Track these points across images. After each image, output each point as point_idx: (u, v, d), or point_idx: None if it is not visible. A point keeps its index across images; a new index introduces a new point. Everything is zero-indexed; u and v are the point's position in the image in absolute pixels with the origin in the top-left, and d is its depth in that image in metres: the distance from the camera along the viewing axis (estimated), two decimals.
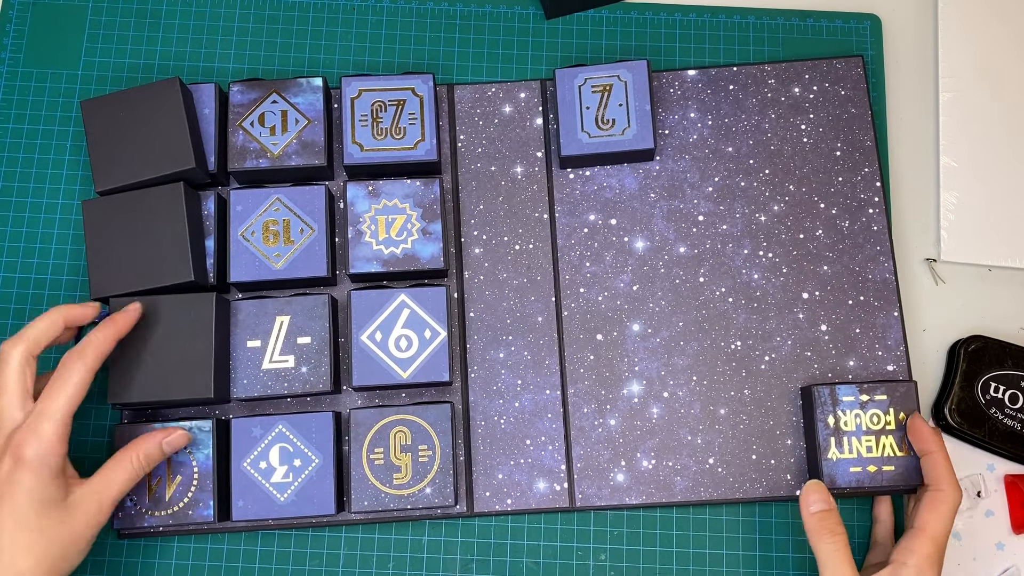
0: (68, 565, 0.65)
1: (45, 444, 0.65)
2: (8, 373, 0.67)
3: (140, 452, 0.70)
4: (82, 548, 0.66)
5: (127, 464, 0.69)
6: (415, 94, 0.81)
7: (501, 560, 0.78)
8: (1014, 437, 0.79)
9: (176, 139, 0.76)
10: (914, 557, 0.68)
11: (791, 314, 0.81)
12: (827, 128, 0.84)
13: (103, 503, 0.67)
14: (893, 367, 0.80)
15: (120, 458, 0.69)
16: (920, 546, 0.69)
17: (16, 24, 0.86)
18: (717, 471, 0.78)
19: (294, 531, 0.78)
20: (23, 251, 0.82)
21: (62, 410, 0.66)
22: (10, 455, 0.64)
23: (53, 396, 0.66)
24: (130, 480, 0.69)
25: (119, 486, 0.68)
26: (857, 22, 0.88)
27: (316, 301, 0.77)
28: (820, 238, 0.82)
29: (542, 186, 0.83)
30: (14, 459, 0.64)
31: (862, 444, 0.75)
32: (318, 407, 0.79)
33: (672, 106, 0.84)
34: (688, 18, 0.88)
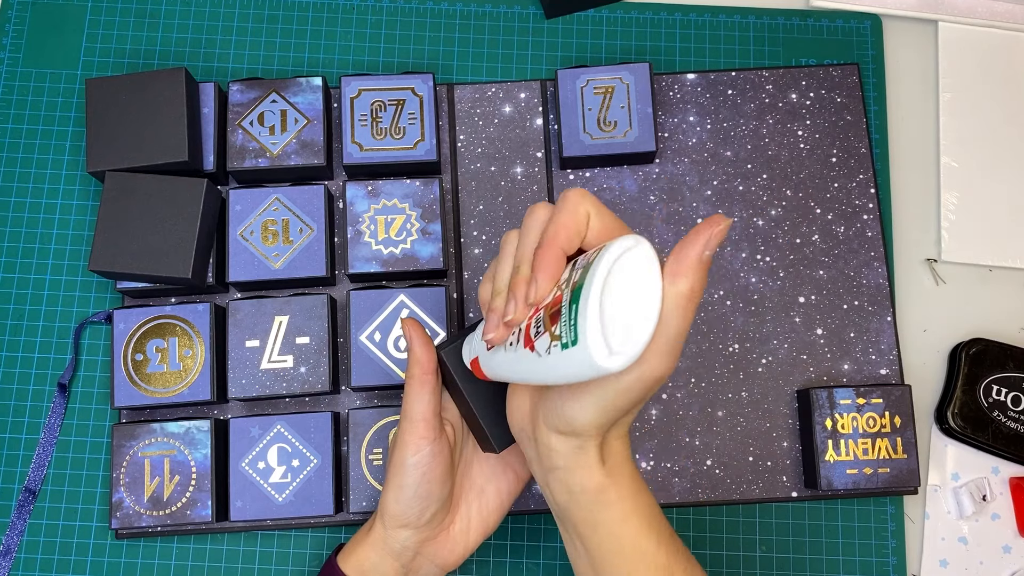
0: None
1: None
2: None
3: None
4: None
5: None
6: (415, 94, 0.81)
7: (501, 560, 0.78)
8: (1018, 439, 0.79)
9: (173, 130, 0.76)
10: None
11: (788, 317, 0.81)
12: (823, 134, 0.84)
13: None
14: (886, 371, 0.80)
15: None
16: None
17: (16, 24, 0.86)
18: (715, 472, 0.79)
19: (293, 531, 0.78)
20: (23, 251, 0.82)
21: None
22: None
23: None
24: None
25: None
26: (857, 22, 0.88)
27: (315, 301, 0.77)
28: (816, 243, 0.82)
29: (542, 186, 0.83)
30: None
31: (858, 446, 0.76)
32: (317, 407, 0.79)
33: (671, 109, 0.84)
34: (688, 18, 0.88)
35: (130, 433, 0.75)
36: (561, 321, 0.48)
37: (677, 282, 0.47)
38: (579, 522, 0.58)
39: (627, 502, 0.58)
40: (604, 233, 0.53)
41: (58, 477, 0.78)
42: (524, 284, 0.52)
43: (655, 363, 0.49)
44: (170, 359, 0.76)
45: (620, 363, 0.46)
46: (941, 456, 0.80)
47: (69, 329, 0.81)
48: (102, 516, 0.78)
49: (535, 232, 0.54)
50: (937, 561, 0.78)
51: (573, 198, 0.52)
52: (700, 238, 0.47)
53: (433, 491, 0.63)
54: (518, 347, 0.52)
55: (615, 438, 0.58)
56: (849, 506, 0.79)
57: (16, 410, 0.79)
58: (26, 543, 0.78)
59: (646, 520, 0.58)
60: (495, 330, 0.53)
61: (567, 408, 0.54)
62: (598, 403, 0.53)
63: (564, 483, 0.57)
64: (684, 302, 0.48)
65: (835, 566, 0.78)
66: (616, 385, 0.51)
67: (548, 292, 0.51)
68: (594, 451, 0.56)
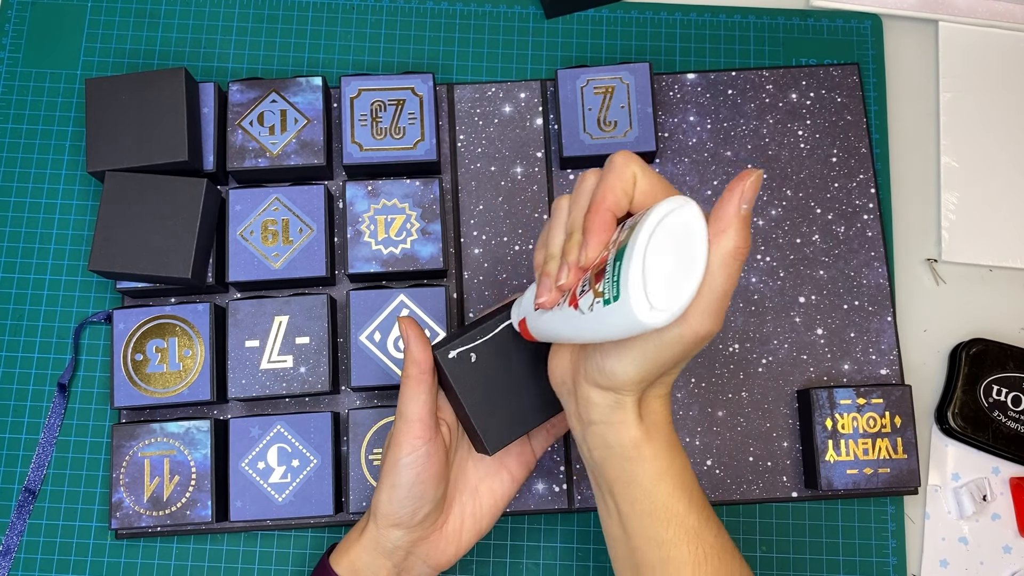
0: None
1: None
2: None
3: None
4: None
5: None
6: (415, 94, 0.81)
7: (501, 560, 0.78)
8: (1018, 439, 0.79)
9: (173, 130, 0.76)
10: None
11: (788, 317, 0.81)
12: (823, 134, 0.84)
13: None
14: (886, 371, 0.80)
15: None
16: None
17: (16, 24, 0.86)
18: (715, 472, 0.78)
19: (293, 532, 0.78)
20: (22, 251, 0.82)
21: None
22: None
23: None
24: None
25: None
26: (857, 22, 0.88)
27: (315, 301, 0.77)
28: (816, 243, 0.82)
29: (542, 186, 0.83)
30: None
31: (858, 446, 0.76)
32: (316, 407, 0.79)
33: (672, 109, 0.84)
34: (688, 18, 0.88)
35: (130, 433, 0.75)
36: (605, 278, 0.48)
37: (721, 240, 0.48)
38: (613, 479, 0.59)
39: (662, 461, 0.58)
40: (651, 193, 0.53)
41: (58, 477, 0.78)
42: (577, 248, 0.53)
43: (698, 321, 0.49)
44: (170, 359, 0.76)
45: (661, 319, 0.46)
46: (941, 456, 0.80)
47: (69, 329, 0.81)
48: (102, 516, 0.78)
49: (585, 198, 0.55)
50: (937, 561, 0.78)
51: (619, 160, 0.53)
52: (735, 194, 0.48)
53: (427, 491, 0.63)
54: (564, 306, 0.53)
55: (655, 397, 0.58)
56: (849, 506, 0.79)
57: (16, 410, 0.79)
58: (26, 543, 0.78)
59: (679, 481, 0.58)
60: (548, 293, 0.54)
61: (607, 362, 0.54)
62: (638, 358, 0.53)
63: (601, 437, 0.58)
64: (730, 260, 0.48)
65: (835, 566, 0.78)
66: (658, 341, 0.51)
67: (598, 254, 0.52)
68: (632, 407, 0.56)
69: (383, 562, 0.65)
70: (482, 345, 0.62)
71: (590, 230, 0.52)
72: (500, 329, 0.63)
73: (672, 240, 0.47)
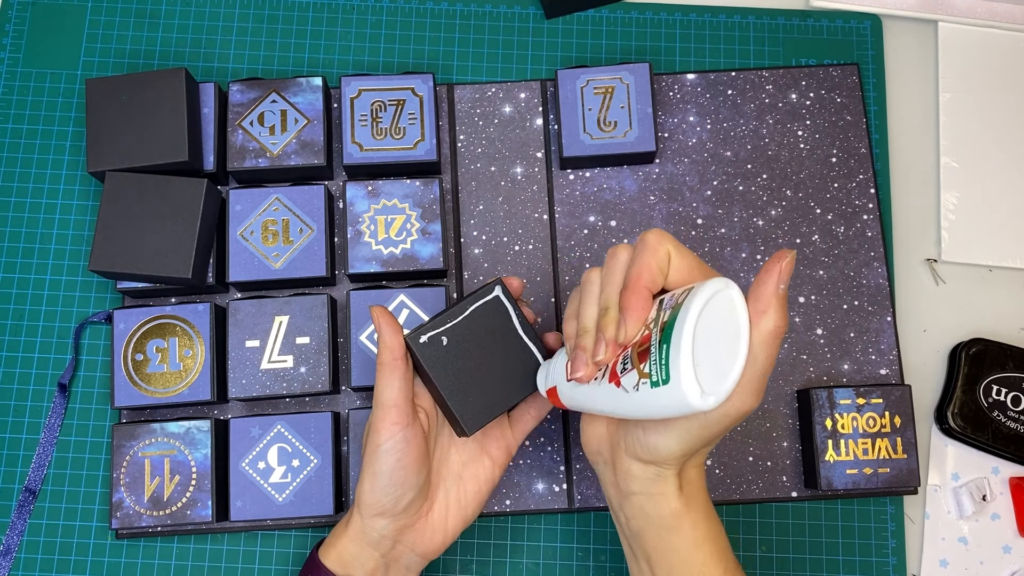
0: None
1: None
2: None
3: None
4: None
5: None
6: (415, 94, 0.81)
7: (501, 560, 0.78)
8: (1018, 439, 0.79)
9: (173, 130, 0.76)
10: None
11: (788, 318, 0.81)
12: (823, 135, 0.84)
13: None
14: (886, 371, 0.80)
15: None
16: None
17: (16, 24, 0.86)
18: (715, 472, 0.79)
19: (293, 531, 0.78)
20: (23, 251, 0.82)
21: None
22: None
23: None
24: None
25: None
26: (857, 22, 0.88)
27: (315, 301, 0.77)
28: (816, 243, 0.82)
29: (542, 187, 0.83)
30: None
31: (858, 446, 0.76)
32: (317, 407, 0.79)
33: (671, 109, 0.84)
34: (688, 18, 0.88)
35: (130, 433, 0.75)
36: (651, 360, 0.50)
37: (762, 320, 0.50)
38: (650, 548, 0.60)
39: (700, 529, 0.60)
40: (685, 271, 0.55)
41: (58, 477, 0.78)
42: (614, 325, 0.54)
43: (742, 400, 0.51)
44: (170, 359, 0.76)
45: (712, 403, 0.48)
46: (941, 456, 0.80)
47: (69, 329, 0.81)
48: (102, 516, 0.78)
49: (619, 273, 0.56)
50: (937, 561, 0.78)
51: (653, 239, 0.54)
52: (772, 275, 0.49)
53: (408, 478, 0.63)
54: (603, 382, 0.54)
55: (692, 467, 0.60)
56: (849, 506, 0.79)
57: (16, 410, 0.79)
58: (26, 543, 0.78)
59: (716, 548, 0.60)
60: (584, 368, 0.55)
61: (651, 439, 0.56)
62: (683, 436, 0.55)
63: (640, 508, 0.60)
64: (771, 339, 0.50)
65: (835, 566, 0.78)
66: (703, 420, 0.53)
67: (637, 332, 0.53)
68: (673, 479, 0.58)
69: (371, 552, 0.66)
70: (453, 328, 0.63)
71: (628, 307, 0.53)
72: (470, 311, 0.63)
73: (716, 322, 0.49)
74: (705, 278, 0.53)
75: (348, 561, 0.66)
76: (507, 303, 0.64)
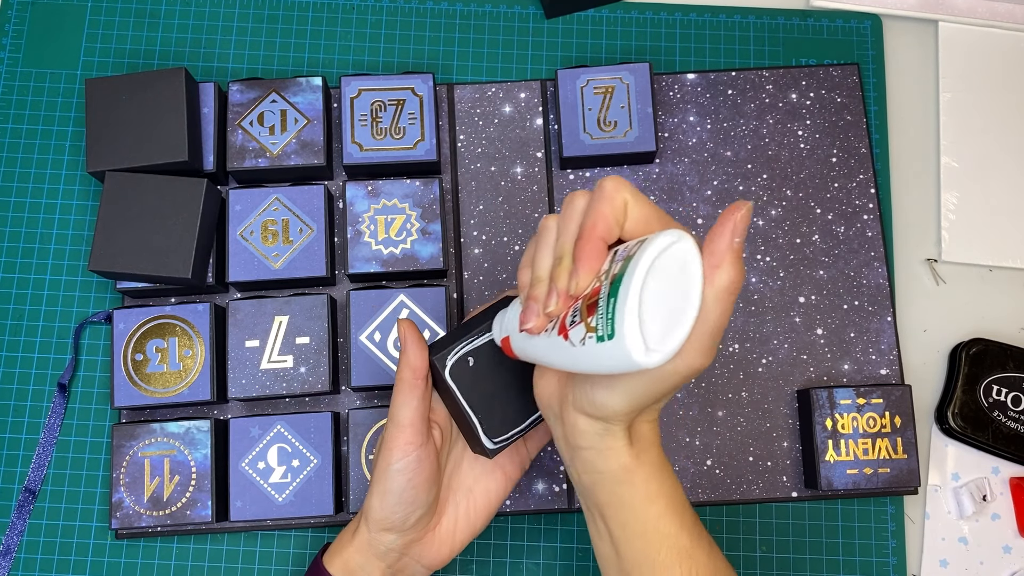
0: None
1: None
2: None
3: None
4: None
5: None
6: (415, 94, 0.81)
7: (501, 560, 0.78)
8: (1018, 439, 0.79)
9: (173, 130, 0.76)
10: None
11: (788, 318, 0.81)
12: (823, 134, 0.84)
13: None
14: (886, 371, 0.80)
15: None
16: None
17: (16, 24, 0.86)
18: (715, 472, 0.79)
19: (293, 531, 0.78)
20: (23, 251, 0.82)
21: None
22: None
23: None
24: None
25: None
26: (857, 22, 0.88)
27: (315, 301, 0.77)
28: (816, 243, 0.82)
29: (542, 187, 0.83)
30: None
31: (858, 446, 0.76)
32: (317, 407, 0.79)
33: (671, 109, 0.84)
34: (688, 18, 0.88)
35: (130, 433, 0.75)
36: (598, 313, 0.47)
37: (716, 275, 0.47)
38: (603, 503, 0.59)
39: (652, 484, 0.58)
40: (643, 222, 0.52)
41: (58, 477, 0.78)
42: (566, 275, 0.52)
43: (692, 357, 0.49)
44: (170, 359, 0.76)
45: (656, 360, 0.46)
46: (941, 456, 0.80)
47: (69, 329, 0.81)
48: (102, 516, 0.78)
49: (575, 221, 0.54)
50: (937, 561, 0.78)
51: (610, 186, 0.52)
52: (726, 227, 0.47)
53: (418, 496, 0.63)
54: (552, 334, 0.52)
55: (644, 421, 0.58)
56: (849, 506, 0.79)
57: (16, 410, 0.79)
58: (26, 543, 0.78)
59: (670, 503, 0.58)
60: (535, 319, 0.53)
61: (597, 394, 0.54)
62: (629, 392, 0.53)
63: (590, 463, 0.58)
64: (725, 295, 0.48)
65: (835, 566, 0.78)
66: (650, 376, 0.51)
67: (589, 284, 0.51)
68: (622, 434, 0.56)
69: (376, 563, 0.65)
70: (480, 348, 0.62)
71: (580, 258, 0.51)
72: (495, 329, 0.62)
73: (667, 277, 0.47)
74: (664, 229, 0.51)
75: (354, 569, 0.65)
76: None
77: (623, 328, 0.45)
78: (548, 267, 0.54)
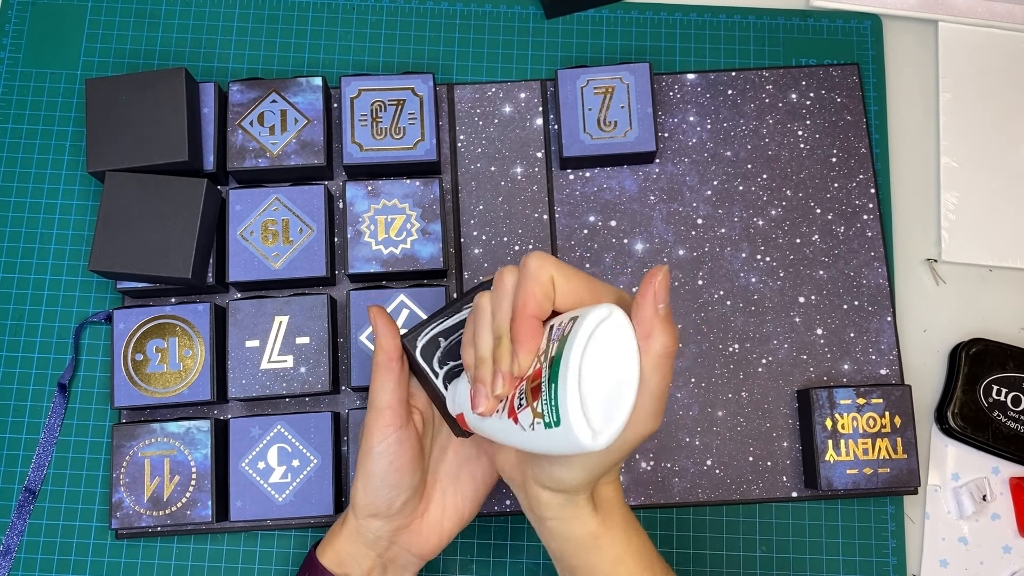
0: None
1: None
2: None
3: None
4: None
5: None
6: (415, 94, 0.81)
7: (501, 560, 0.78)
8: (1018, 440, 0.79)
9: (173, 130, 0.76)
10: None
11: (788, 318, 0.81)
12: (823, 134, 0.84)
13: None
14: (886, 371, 0.80)
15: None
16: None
17: (16, 24, 0.86)
18: (715, 472, 0.79)
19: (293, 531, 0.78)
20: (23, 251, 0.82)
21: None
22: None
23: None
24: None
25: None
26: (857, 22, 0.88)
27: (315, 301, 0.77)
28: (816, 243, 0.82)
29: (542, 187, 0.83)
30: None
31: (858, 446, 0.76)
32: (317, 407, 0.79)
33: (671, 109, 0.84)
34: (688, 18, 0.88)
35: (130, 433, 0.75)
36: (542, 399, 0.48)
37: (649, 344, 0.48)
38: (574, 567, 0.60)
39: (620, 545, 0.59)
40: (572, 294, 0.53)
41: (58, 477, 0.78)
42: (508, 357, 0.53)
43: (641, 424, 0.51)
44: (170, 359, 0.76)
45: (604, 441, 0.47)
46: (941, 456, 0.80)
47: (69, 329, 0.81)
48: (102, 516, 0.78)
49: (507, 300, 0.54)
50: (937, 561, 0.78)
51: (534, 265, 0.52)
52: (647, 297, 0.48)
53: (402, 479, 0.63)
54: (503, 415, 0.53)
55: (605, 484, 0.60)
56: (849, 506, 0.79)
57: (16, 410, 0.79)
58: (26, 543, 0.78)
59: (639, 560, 0.60)
60: (485, 402, 0.54)
61: (554, 471, 0.56)
62: (585, 466, 0.54)
63: (557, 532, 0.59)
64: (662, 361, 0.49)
65: (835, 566, 0.78)
66: (604, 450, 0.52)
67: (530, 364, 0.52)
68: (585, 502, 0.58)
69: (367, 552, 0.66)
70: (450, 329, 0.63)
71: (518, 339, 0.52)
72: (466, 310, 0.63)
73: (603, 355, 0.48)
74: (595, 299, 0.52)
75: (345, 560, 0.66)
76: None
77: (567, 415, 0.46)
78: (490, 346, 0.55)
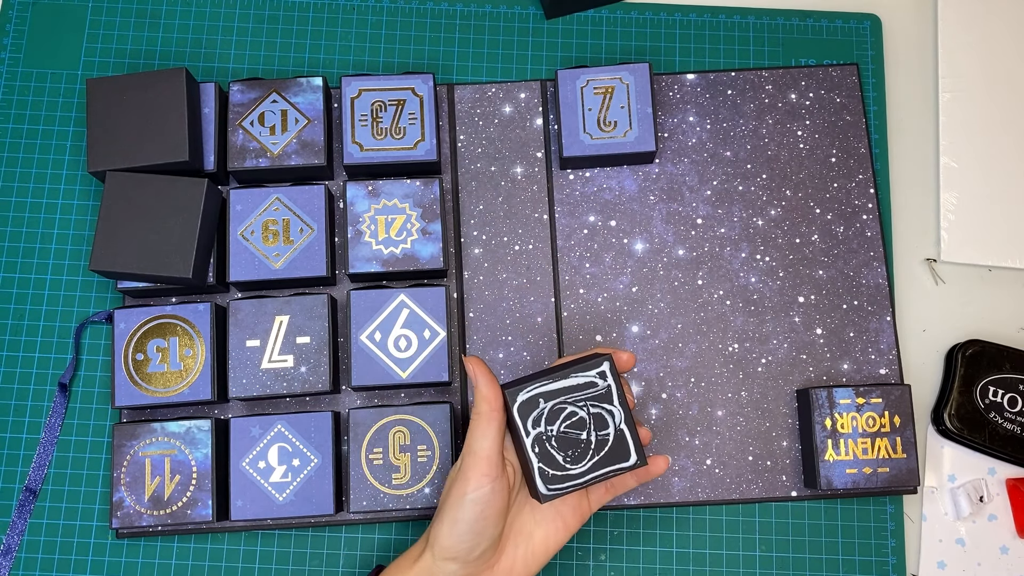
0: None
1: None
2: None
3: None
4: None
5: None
6: (415, 94, 0.81)
7: None
8: (1014, 441, 0.79)
9: (174, 130, 0.76)
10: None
11: (787, 317, 0.81)
12: (823, 135, 0.84)
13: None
14: (885, 370, 0.80)
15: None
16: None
17: (16, 24, 0.86)
18: (714, 472, 0.79)
19: (293, 531, 0.78)
20: (23, 251, 0.82)
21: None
22: None
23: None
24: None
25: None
26: (857, 22, 0.88)
27: (315, 301, 0.77)
28: (816, 243, 0.82)
29: (542, 187, 0.83)
30: None
31: (858, 446, 0.76)
32: (317, 407, 0.79)
33: (671, 109, 0.84)
34: (688, 18, 0.88)
35: (131, 433, 0.75)
36: None
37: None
38: None
39: None
40: None
41: (59, 477, 0.79)
42: None
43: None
44: (171, 359, 0.76)
45: None
46: (938, 457, 0.81)
47: (69, 329, 0.81)
48: (102, 516, 0.78)
49: None
50: (935, 563, 0.78)
51: None
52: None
53: (487, 529, 0.64)
54: None
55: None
56: (849, 506, 0.79)
57: (16, 410, 0.80)
58: (27, 542, 0.78)
59: None
60: None
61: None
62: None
63: None
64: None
65: (835, 566, 0.78)
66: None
67: None
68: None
69: None
70: (552, 392, 0.63)
71: None
72: (572, 378, 0.63)
73: None
74: None
75: None
76: (612, 380, 0.63)
77: None
78: None
